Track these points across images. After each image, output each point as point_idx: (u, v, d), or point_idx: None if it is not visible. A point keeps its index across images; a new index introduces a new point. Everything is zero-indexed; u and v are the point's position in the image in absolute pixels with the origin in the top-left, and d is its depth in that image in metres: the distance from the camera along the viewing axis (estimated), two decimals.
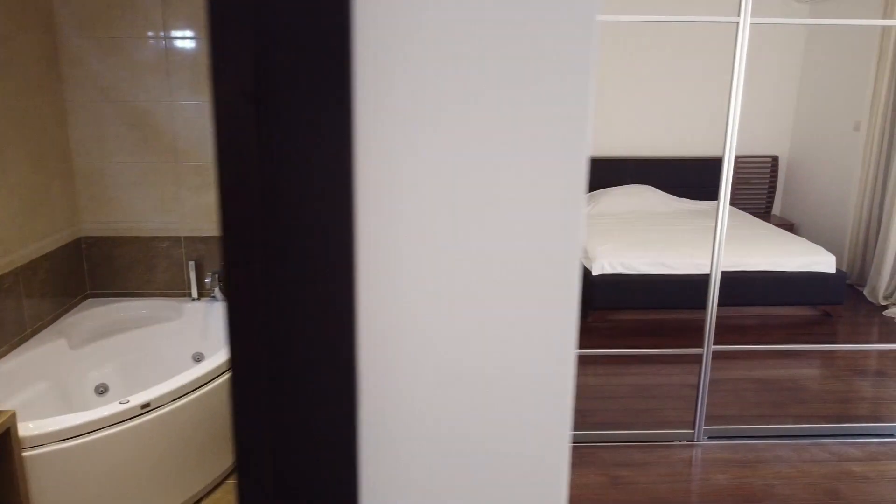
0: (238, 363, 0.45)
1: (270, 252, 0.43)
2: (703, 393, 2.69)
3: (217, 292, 2.89)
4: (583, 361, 3.48)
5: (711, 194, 5.02)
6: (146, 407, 2.09)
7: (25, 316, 2.48)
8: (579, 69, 0.44)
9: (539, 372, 0.49)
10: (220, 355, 2.41)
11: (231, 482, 2.39)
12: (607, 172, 5.22)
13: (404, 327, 0.47)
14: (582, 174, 0.45)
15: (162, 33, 2.68)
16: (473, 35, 0.43)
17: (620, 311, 3.99)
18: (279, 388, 0.46)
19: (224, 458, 2.41)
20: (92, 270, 2.88)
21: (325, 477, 0.49)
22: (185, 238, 2.87)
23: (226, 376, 2.35)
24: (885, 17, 4.16)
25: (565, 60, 0.43)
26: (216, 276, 2.89)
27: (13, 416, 1.79)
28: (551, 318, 0.48)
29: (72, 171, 2.77)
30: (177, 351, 2.84)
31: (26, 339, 2.49)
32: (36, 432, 1.90)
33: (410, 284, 0.46)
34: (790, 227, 4.86)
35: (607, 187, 5.14)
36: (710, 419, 2.74)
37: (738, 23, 2.33)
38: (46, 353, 2.50)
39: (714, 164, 5.26)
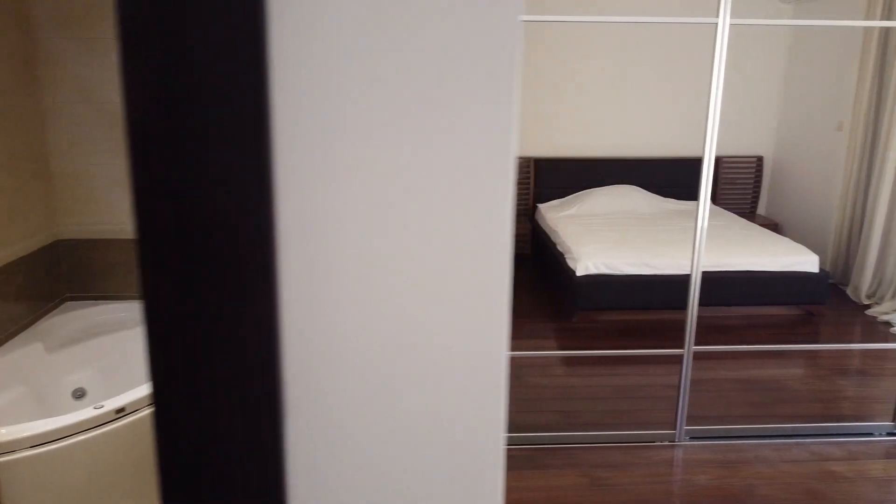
0: (157, 372, 0.44)
1: (188, 256, 0.42)
2: (684, 393, 2.69)
3: None
4: (566, 362, 3.48)
5: (695, 194, 5.04)
6: (121, 412, 2.07)
7: (1, 320, 2.45)
8: (503, 66, 0.43)
9: (470, 372, 0.48)
10: None
11: None
12: (593, 173, 5.22)
13: (330, 329, 0.46)
14: (509, 173, 0.44)
15: None
16: (395, 32, 0.42)
17: (605, 312, 3.99)
18: (200, 396, 0.45)
19: None
20: (70, 273, 2.85)
21: (251, 486, 0.47)
22: None
23: None
24: (867, 18, 4.18)
25: (488, 58, 0.43)
26: None
27: None
28: (482, 318, 0.47)
29: (49, 173, 2.74)
30: None
31: (2, 344, 2.46)
32: (9, 438, 1.87)
33: (335, 287, 0.45)
34: (775, 226, 4.88)
35: (593, 188, 5.14)
36: (692, 419, 2.74)
37: (717, 24, 2.33)
38: (23, 357, 2.47)
39: (700, 165, 5.28)
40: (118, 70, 0.39)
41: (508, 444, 2.67)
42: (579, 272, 3.85)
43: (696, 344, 2.68)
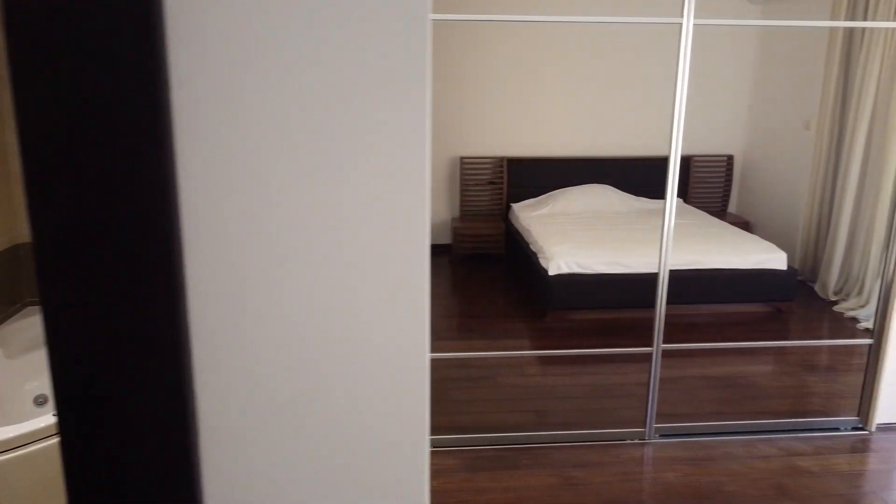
0: (60, 382, 0.42)
1: (89, 265, 0.40)
2: (653, 391, 2.71)
3: None
4: (539, 362, 3.48)
5: None
6: None
7: None
8: (415, 66, 0.42)
9: (391, 375, 0.47)
10: None
11: None
12: (566, 172, 5.24)
13: (240, 338, 0.45)
14: (424, 173, 0.43)
15: None
16: (301, 31, 0.40)
17: (578, 311, 4.00)
18: (104, 407, 0.43)
19: None
20: (31, 278, 2.79)
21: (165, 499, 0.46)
22: None
23: None
24: (832, 18, 4.24)
25: (400, 57, 0.41)
26: None
27: None
28: (401, 320, 0.46)
29: (8, 175, 2.68)
30: None
31: None
32: None
33: (244, 294, 0.44)
34: (745, 224, 4.93)
35: (566, 187, 5.16)
36: (662, 417, 2.76)
37: (681, 24, 2.34)
38: None
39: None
40: (8, 72, 0.37)
41: (480, 445, 2.66)
42: (552, 271, 3.85)
43: (665, 342, 2.69)
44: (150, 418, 0.43)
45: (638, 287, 3.81)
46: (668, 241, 2.55)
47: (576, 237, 4.18)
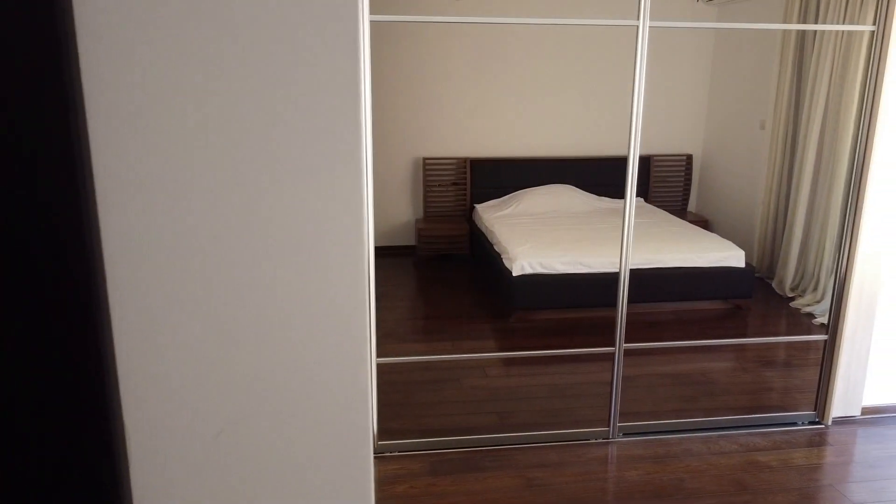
0: None
1: (9, 285, 0.37)
2: (616, 390, 2.72)
3: None
4: (503, 363, 3.48)
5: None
6: None
7: None
8: (347, 65, 0.39)
9: (331, 377, 0.45)
10: None
11: None
12: (529, 173, 5.26)
13: (169, 352, 0.42)
14: (360, 173, 0.41)
15: None
16: (230, 29, 0.38)
17: (541, 311, 4.02)
18: (32, 440, 0.40)
19: None
20: None
21: None
22: None
23: None
24: (785, 21, 4.33)
25: (332, 56, 0.39)
26: None
27: None
28: (340, 322, 0.44)
29: None
30: None
31: None
32: None
33: (172, 303, 0.41)
34: (704, 223, 5.01)
35: (529, 187, 5.18)
36: (625, 416, 2.78)
37: (637, 26, 2.36)
38: None
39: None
40: None
41: (444, 448, 2.65)
42: (515, 272, 3.86)
43: (627, 341, 2.71)
44: (76, 441, 0.40)
45: (599, 286, 3.83)
46: (628, 241, 2.57)
47: (538, 237, 4.20)
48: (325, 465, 0.46)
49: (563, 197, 5.05)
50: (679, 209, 5.44)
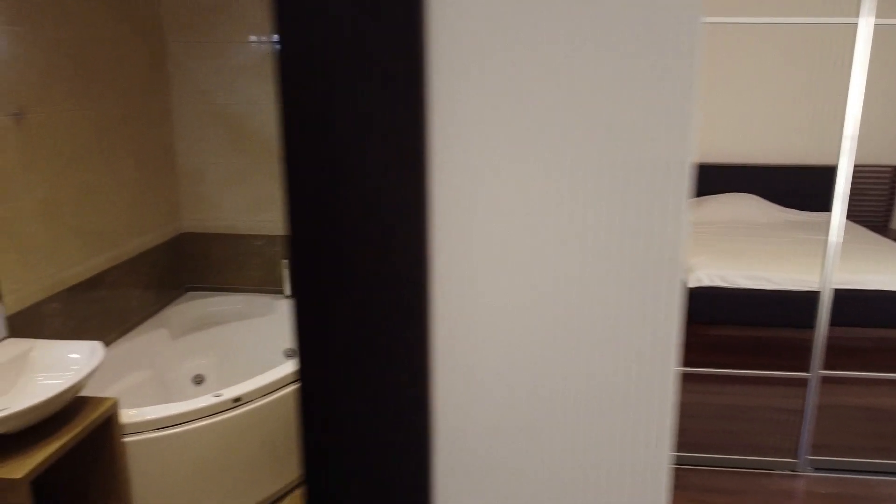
0: (305, 368, 0.43)
1: (343, 257, 0.41)
2: (807, 419, 2.50)
3: None
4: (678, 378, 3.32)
5: (821, 205, 4.71)
6: (238, 401, 2.15)
7: (130, 307, 2.62)
8: (683, 73, 0.39)
9: (633, 388, 0.44)
10: None
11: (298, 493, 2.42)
12: (707, 180, 4.99)
13: (481, 340, 0.44)
14: (685, 181, 0.40)
15: (264, 37, 2.77)
16: (573, 42, 0.39)
17: (717, 326, 3.79)
18: (347, 396, 0.43)
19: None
20: (190, 265, 3.01)
21: (397, 491, 0.46)
22: (280, 237, 2.96)
23: None
24: None
25: (668, 64, 0.39)
26: None
27: (115, 404, 1.88)
28: (647, 332, 0.43)
29: (174, 170, 2.91)
30: (269, 346, 2.93)
31: (130, 329, 2.63)
32: (136, 419, 1.99)
33: (488, 295, 0.43)
34: None
35: (706, 195, 4.91)
36: (815, 449, 2.54)
37: (856, 24, 2.15)
38: (149, 342, 2.63)
39: (824, 173, 4.91)
40: (276, 97, 0.38)
41: None
42: (691, 284, 3.67)
43: (824, 367, 2.48)
44: (389, 402, 0.43)
45: (785, 305, 3.55)
46: (833, 257, 2.35)
47: (717, 248, 3.96)
48: (620, 471, 0.46)
49: (745, 207, 4.73)
50: (880, 225, 4.90)
